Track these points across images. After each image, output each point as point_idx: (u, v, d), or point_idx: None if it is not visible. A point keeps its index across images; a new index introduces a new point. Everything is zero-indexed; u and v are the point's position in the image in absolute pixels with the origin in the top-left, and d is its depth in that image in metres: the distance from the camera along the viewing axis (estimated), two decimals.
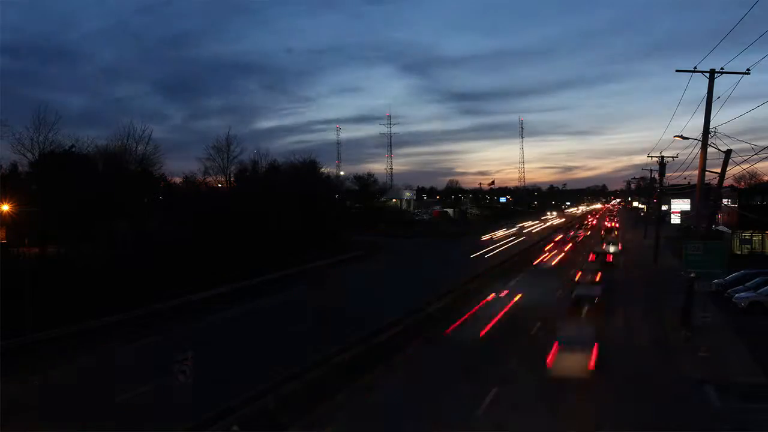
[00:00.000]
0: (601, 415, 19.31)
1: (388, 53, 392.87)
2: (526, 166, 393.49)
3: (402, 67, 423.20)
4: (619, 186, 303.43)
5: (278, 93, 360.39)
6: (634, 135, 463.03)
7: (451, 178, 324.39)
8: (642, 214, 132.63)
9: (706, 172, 30.91)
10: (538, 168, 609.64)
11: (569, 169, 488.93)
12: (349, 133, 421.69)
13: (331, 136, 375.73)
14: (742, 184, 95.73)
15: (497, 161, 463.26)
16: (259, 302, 39.99)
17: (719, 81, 29.48)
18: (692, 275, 29.20)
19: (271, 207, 58.57)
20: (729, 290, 37.36)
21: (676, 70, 30.08)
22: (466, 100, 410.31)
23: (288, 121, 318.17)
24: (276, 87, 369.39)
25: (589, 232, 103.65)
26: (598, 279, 43.56)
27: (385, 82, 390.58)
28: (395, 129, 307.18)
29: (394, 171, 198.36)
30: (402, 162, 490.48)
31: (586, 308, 32.30)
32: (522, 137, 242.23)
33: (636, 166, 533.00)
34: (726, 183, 34.71)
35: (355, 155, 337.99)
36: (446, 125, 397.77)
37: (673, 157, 63.77)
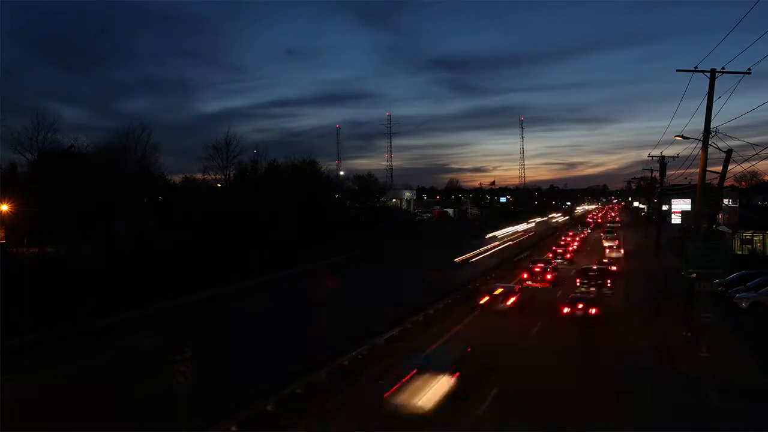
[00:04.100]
0: (601, 415, 19.23)
1: None
2: (526, 162, 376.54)
3: (362, 15, 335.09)
4: (621, 185, 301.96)
5: (205, 60, 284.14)
6: (650, 125, 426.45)
7: (452, 176, 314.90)
8: (642, 214, 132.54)
9: (708, 172, 30.80)
10: (539, 164, 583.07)
11: (572, 165, 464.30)
12: (316, 119, 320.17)
13: (292, 123, 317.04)
14: (744, 183, 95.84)
15: (496, 157, 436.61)
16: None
17: (729, 69, 28.85)
18: (693, 275, 29.08)
19: (270, 207, 58.44)
20: (730, 290, 37.22)
21: (677, 70, 29.88)
22: (453, 69, 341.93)
23: (236, 102, 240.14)
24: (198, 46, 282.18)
25: None
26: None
27: (345, 40, 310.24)
28: (374, 118, 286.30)
29: (384, 167, 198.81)
30: (394, 157, 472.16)
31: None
32: (522, 136, 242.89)
33: (642, 162, 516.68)
34: (727, 183, 34.61)
35: (328, 147, 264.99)
36: (437, 108, 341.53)
37: (673, 157, 63.65)
